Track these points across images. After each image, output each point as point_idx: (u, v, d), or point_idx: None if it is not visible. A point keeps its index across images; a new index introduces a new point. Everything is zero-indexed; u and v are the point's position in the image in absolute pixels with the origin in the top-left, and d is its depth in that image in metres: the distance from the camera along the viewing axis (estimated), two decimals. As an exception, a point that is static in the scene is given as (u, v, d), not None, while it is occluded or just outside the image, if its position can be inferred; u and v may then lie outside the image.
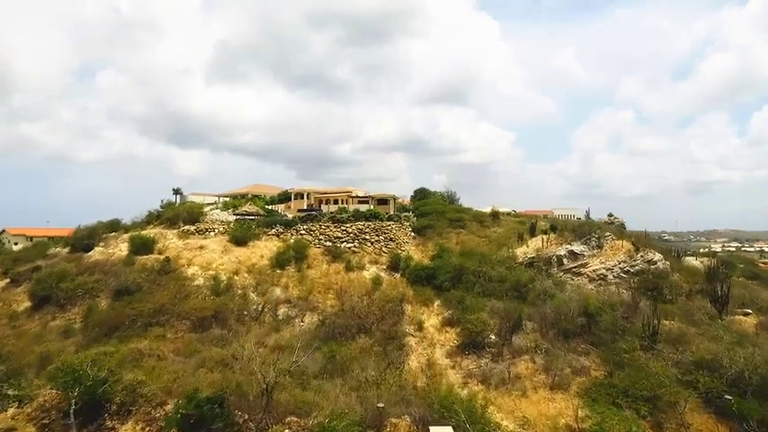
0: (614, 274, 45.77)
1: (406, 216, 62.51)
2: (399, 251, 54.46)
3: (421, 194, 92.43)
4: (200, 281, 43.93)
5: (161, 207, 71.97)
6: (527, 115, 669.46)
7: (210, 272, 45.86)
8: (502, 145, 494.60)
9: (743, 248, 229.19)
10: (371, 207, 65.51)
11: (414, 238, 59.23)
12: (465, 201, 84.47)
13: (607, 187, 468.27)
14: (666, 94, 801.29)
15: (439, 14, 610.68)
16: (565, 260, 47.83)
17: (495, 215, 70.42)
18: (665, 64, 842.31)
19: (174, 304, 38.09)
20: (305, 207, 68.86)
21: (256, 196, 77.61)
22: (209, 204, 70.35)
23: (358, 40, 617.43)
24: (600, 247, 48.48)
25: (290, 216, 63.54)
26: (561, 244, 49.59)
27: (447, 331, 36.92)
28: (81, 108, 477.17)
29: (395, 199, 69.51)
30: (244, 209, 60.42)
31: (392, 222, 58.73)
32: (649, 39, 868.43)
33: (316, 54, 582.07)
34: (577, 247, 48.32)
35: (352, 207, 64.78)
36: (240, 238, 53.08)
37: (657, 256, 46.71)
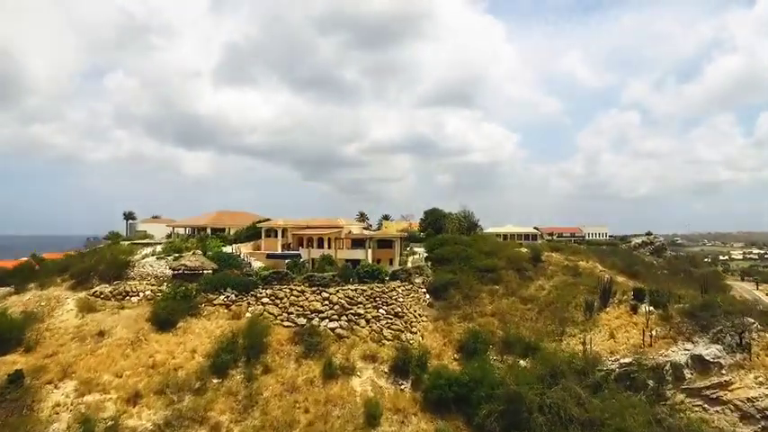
0: (786, 407, 26.53)
1: (417, 269, 43.34)
2: (409, 334, 35.92)
3: (433, 218, 73.85)
4: (62, 424, 25.12)
5: (86, 246, 53.96)
6: (532, 116, 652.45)
7: (91, 397, 27.06)
8: (507, 145, 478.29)
9: (766, 255, 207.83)
10: (369, 253, 46.64)
11: (429, 305, 40.35)
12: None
13: (612, 188, 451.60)
14: (672, 95, 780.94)
15: (446, 17, 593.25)
16: (686, 372, 28.58)
17: (536, 257, 51.91)
18: (671, 65, 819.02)
19: None
20: (278, 250, 50.00)
21: (218, 231, 58.73)
22: (147, 245, 51.57)
23: (365, 43, 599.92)
24: (744, 347, 29.14)
25: (256, 265, 44.90)
26: (675, 340, 30.26)
27: None
28: (90, 109, 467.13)
29: (401, 240, 50.38)
30: (184, 262, 41.49)
31: (398, 284, 39.62)
32: (655, 40, 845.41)
33: (323, 56, 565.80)
34: (706, 349, 29.03)
35: (341, 254, 45.93)
36: (165, 317, 34.38)
37: None
